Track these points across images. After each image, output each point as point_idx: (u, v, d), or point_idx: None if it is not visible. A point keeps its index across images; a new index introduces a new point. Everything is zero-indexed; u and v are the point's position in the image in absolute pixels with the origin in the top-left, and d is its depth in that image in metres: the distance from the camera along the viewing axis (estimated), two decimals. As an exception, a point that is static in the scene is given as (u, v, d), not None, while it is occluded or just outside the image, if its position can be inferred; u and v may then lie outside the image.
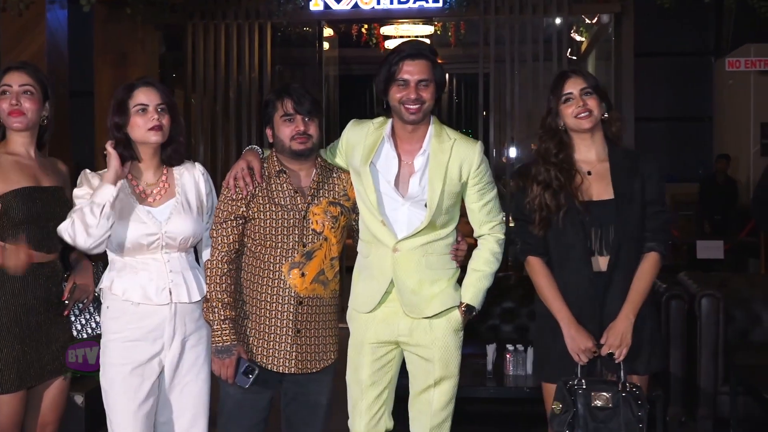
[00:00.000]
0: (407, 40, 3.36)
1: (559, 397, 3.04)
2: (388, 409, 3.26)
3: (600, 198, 3.10)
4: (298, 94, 3.15)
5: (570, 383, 3.03)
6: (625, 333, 3.03)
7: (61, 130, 6.61)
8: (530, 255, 3.20)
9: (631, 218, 3.07)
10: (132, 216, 3.02)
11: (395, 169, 3.17)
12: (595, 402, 2.99)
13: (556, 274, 3.15)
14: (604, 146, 3.17)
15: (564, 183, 3.08)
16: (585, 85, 3.10)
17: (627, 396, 2.98)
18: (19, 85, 3.11)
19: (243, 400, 3.18)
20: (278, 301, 3.14)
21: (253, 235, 3.16)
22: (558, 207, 3.07)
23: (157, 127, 3.03)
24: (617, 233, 3.06)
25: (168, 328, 3.05)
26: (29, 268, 3.08)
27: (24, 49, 6.59)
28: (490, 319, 5.54)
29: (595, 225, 3.07)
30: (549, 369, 3.19)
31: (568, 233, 3.09)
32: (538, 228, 3.12)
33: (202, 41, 9.78)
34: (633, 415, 2.97)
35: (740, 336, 5.48)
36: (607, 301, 3.08)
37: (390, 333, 3.19)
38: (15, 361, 3.05)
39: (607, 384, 3.03)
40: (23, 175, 3.10)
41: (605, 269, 3.08)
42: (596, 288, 3.08)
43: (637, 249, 3.10)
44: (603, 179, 3.12)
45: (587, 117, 3.08)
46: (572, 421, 2.99)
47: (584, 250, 3.08)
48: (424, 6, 9.59)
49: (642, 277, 3.08)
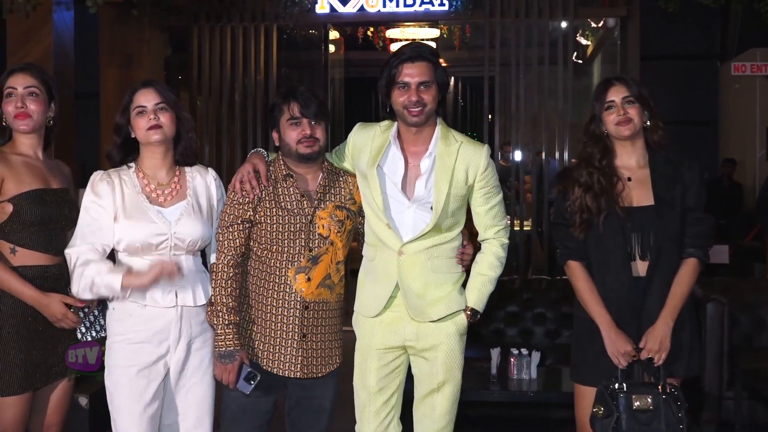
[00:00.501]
0: (407, 43, 3.37)
1: (600, 400, 3.06)
2: (396, 414, 3.27)
3: (640, 204, 3.12)
4: (304, 97, 3.14)
5: (611, 387, 3.06)
6: (664, 337, 3.05)
7: (67, 131, 6.61)
8: (570, 259, 3.22)
9: (671, 224, 3.09)
10: (142, 215, 3.02)
11: (402, 171, 3.18)
12: (636, 404, 3.02)
13: (596, 279, 3.17)
14: (644, 153, 3.20)
15: (605, 187, 3.10)
16: (627, 93, 3.12)
17: (667, 398, 3.01)
18: (24, 87, 3.11)
19: (247, 404, 3.17)
20: (284, 305, 3.14)
21: (259, 239, 3.16)
22: (599, 210, 3.10)
23: (156, 126, 3.04)
24: (657, 239, 3.08)
25: (174, 331, 3.06)
26: (36, 271, 3.09)
27: (30, 51, 6.60)
28: (494, 322, 5.55)
29: (635, 230, 3.10)
30: (586, 371, 3.20)
31: (608, 238, 3.11)
32: (579, 230, 3.15)
33: (207, 43, 9.76)
34: (674, 416, 3.00)
35: (745, 340, 5.49)
36: (646, 306, 3.10)
37: (396, 338, 3.20)
38: (22, 364, 3.06)
39: (647, 386, 3.05)
40: (33, 176, 3.11)
41: (644, 274, 3.11)
42: (635, 293, 3.10)
43: (676, 255, 3.12)
44: (644, 185, 3.14)
45: (627, 125, 3.11)
46: (615, 425, 3.02)
47: (624, 255, 3.10)
48: (429, 9, 9.55)
49: (681, 282, 3.10)
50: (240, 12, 9.69)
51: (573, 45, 9.93)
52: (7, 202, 3.05)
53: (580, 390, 3.22)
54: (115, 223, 3.01)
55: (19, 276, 3.04)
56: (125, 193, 3.05)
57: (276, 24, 9.77)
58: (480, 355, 4.56)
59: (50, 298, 3.05)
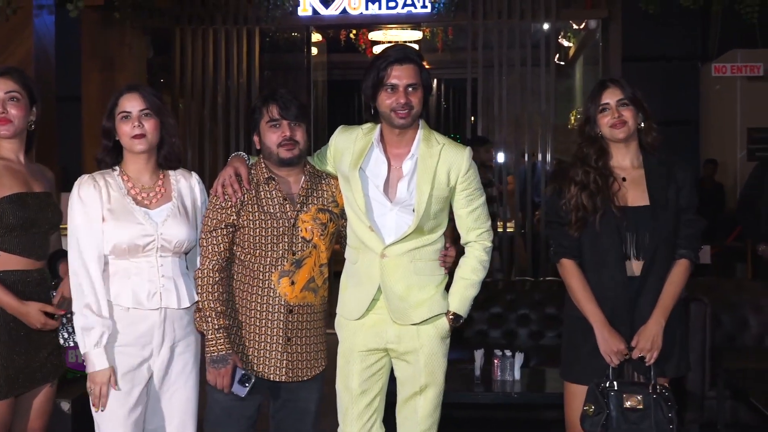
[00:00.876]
0: (393, 45, 3.37)
1: (591, 399, 3.08)
2: (379, 417, 3.26)
3: (635, 204, 3.14)
4: (284, 99, 3.14)
5: (602, 385, 3.07)
6: (656, 337, 3.07)
7: (48, 135, 6.59)
8: (564, 257, 3.23)
9: (665, 225, 3.11)
10: (129, 217, 3.02)
11: (384, 174, 3.17)
12: (626, 403, 3.04)
13: (590, 277, 3.18)
14: (638, 154, 3.22)
15: (601, 186, 3.12)
16: (622, 96, 3.14)
17: (657, 398, 3.03)
18: (5, 92, 3.09)
19: (231, 408, 3.16)
20: (268, 309, 3.14)
21: (242, 243, 3.15)
22: (594, 209, 3.11)
23: (140, 136, 3.03)
24: (652, 239, 3.10)
25: (157, 334, 3.05)
26: (18, 276, 3.08)
27: (11, 55, 6.56)
28: (477, 324, 5.56)
29: (630, 230, 3.11)
30: (579, 370, 3.21)
31: (603, 237, 3.12)
32: (574, 228, 3.16)
33: (190, 46, 9.74)
34: (664, 416, 3.02)
35: (728, 340, 5.51)
36: (640, 305, 3.12)
37: (379, 340, 3.19)
38: (4, 369, 3.04)
39: (638, 386, 3.07)
40: (15, 180, 3.10)
41: (639, 274, 3.12)
42: (629, 292, 3.12)
43: (669, 255, 3.14)
44: (638, 186, 3.16)
45: (622, 127, 3.13)
46: (606, 422, 3.04)
47: (619, 254, 3.12)
48: (412, 11, 9.57)
49: (674, 282, 3.13)
50: (222, 14, 9.69)
51: (555, 46, 9.97)
52: None
53: (571, 389, 3.23)
54: (101, 224, 3.00)
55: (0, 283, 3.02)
56: (111, 196, 3.04)
57: (258, 27, 9.77)
58: (464, 357, 4.57)
59: (29, 307, 3.04)
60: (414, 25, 10.80)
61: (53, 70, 6.97)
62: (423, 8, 9.57)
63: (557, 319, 5.49)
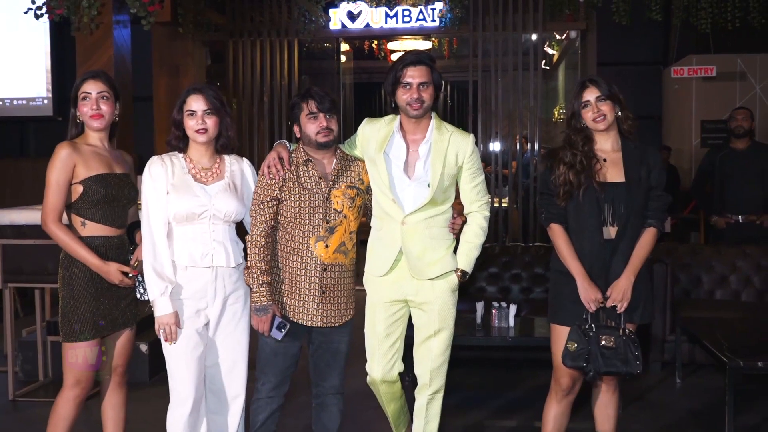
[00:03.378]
0: (410, 50, 3.35)
1: (575, 337, 3.07)
2: (399, 355, 3.27)
3: (613, 180, 3.10)
4: (319, 95, 3.13)
5: (583, 327, 3.07)
6: (626, 290, 3.06)
7: (126, 129, 6.60)
8: (553, 222, 3.20)
9: (637, 198, 3.07)
10: (188, 191, 3.02)
11: (404, 156, 3.17)
12: (602, 342, 3.03)
13: (573, 239, 3.15)
14: (617, 139, 3.17)
15: (585, 166, 3.09)
16: (599, 93, 3.10)
17: (627, 339, 3.03)
18: (97, 92, 3.08)
19: (277, 348, 3.16)
20: (307, 268, 3.12)
21: (285, 214, 3.13)
22: (579, 184, 3.08)
23: (203, 130, 3.04)
24: (626, 210, 3.07)
25: (210, 288, 3.05)
26: (101, 241, 3.07)
27: (95, 62, 6.56)
28: (478, 281, 5.55)
29: (608, 202, 3.08)
30: (562, 314, 3.18)
31: (585, 207, 3.09)
32: (562, 199, 3.13)
33: (241, 55, 9.79)
34: (632, 354, 3.02)
35: (684, 294, 5.52)
36: (613, 263, 3.09)
37: (400, 293, 3.19)
38: (90, 315, 3.05)
39: (611, 329, 3.06)
40: (100, 163, 3.09)
41: (614, 237, 3.09)
42: (605, 252, 3.09)
43: (639, 223, 3.11)
44: (616, 166, 3.12)
45: (602, 120, 3.10)
46: (588, 356, 3.04)
47: (597, 222, 3.09)
48: (423, 25, 9.65)
49: (642, 246, 3.11)
50: (267, 29, 9.73)
51: (542, 54, 9.92)
52: (78, 184, 3.03)
53: (557, 330, 3.19)
54: (166, 196, 3.00)
55: (86, 246, 3.03)
56: (175, 173, 3.05)
57: (297, 38, 9.81)
58: (467, 308, 4.55)
59: (109, 266, 3.04)
60: (425, 37, 10.79)
61: (130, 75, 6.96)
62: (432, 22, 9.65)
63: (544, 277, 5.48)
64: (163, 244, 2.99)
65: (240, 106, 9.83)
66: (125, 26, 6.83)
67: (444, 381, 3.26)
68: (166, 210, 3.00)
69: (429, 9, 9.59)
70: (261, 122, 9.93)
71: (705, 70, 9.60)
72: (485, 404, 4.57)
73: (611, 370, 3.04)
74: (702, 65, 9.61)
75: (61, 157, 3.00)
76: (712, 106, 9.70)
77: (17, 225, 5.10)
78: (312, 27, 9.49)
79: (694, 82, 9.82)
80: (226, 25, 9.79)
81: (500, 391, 4.81)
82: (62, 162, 3.00)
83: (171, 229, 3.03)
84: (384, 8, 9.63)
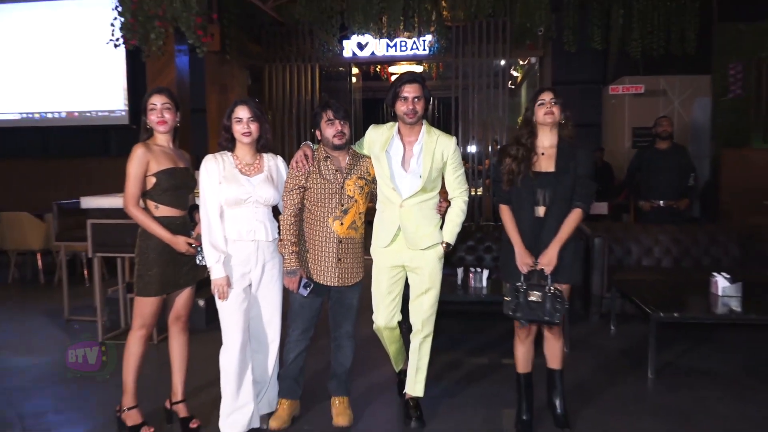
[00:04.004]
0: (406, 71, 3.33)
1: (509, 293, 3.06)
2: (398, 308, 3.26)
3: (546, 170, 3.05)
4: (335, 106, 3.11)
5: (517, 284, 3.05)
6: (552, 257, 3.01)
7: (185, 134, 6.59)
8: (501, 203, 3.17)
9: (563, 185, 3.01)
10: (235, 181, 3.01)
11: (401, 153, 3.15)
12: (530, 297, 3.02)
13: (515, 216, 3.11)
14: (555, 138, 3.10)
15: (525, 158, 3.04)
16: (553, 97, 3.05)
17: (551, 296, 2.99)
18: (162, 103, 3.07)
19: (304, 302, 3.17)
20: (326, 240, 3.12)
21: (309, 198, 3.12)
22: (519, 173, 3.04)
23: (248, 134, 3.03)
24: (553, 193, 3.02)
25: (253, 257, 3.05)
26: (170, 220, 3.07)
27: (161, 81, 6.54)
28: (458, 252, 5.54)
29: (541, 187, 3.03)
30: (507, 274, 3.16)
31: (522, 191, 3.05)
32: (506, 185, 3.09)
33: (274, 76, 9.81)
34: (553, 308, 2.99)
35: (618, 262, 5.50)
36: (543, 235, 3.05)
37: (399, 260, 3.18)
38: (159, 277, 3.06)
39: (539, 287, 3.03)
40: (167, 159, 3.08)
41: (543, 215, 3.05)
42: (536, 227, 3.06)
43: (566, 205, 3.04)
44: (550, 159, 3.06)
45: (551, 116, 3.04)
46: (515, 307, 3.04)
47: (531, 203, 3.05)
48: (416, 53, 9.80)
49: (568, 223, 3.04)
50: (295, 56, 9.72)
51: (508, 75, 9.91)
52: (152, 176, 3.03)
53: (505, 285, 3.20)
54: (219, 185, 2.99)
55: (159, 224, 3.03)
56: (225, 168, 3.04)
57: (318, 64, 9.80)
58: (450, 272, 4.54)
59: (178, 239, 3.04)
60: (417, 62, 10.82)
61: (188, 92, 6.95)
62: (423, 51, 9.74)
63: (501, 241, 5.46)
64: (217, 223, 2.98)
65: (274, 116, 9.85)
66: (184, 54, 6.81)
67: (432, 328, 3.26)
68: (219, 196, 2.99)
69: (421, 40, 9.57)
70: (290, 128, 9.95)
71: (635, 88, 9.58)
72: (464, 346, 4.58)
73: (535, 318, 3.02)
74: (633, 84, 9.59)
75: (138, 155, 3.00)
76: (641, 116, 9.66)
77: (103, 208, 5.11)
78: (329, 55, 9.48)
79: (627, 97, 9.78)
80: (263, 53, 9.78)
81: (475, 336, 4.82)
82: (138, 159, 3.00)
83: (223, 212, 3.02)
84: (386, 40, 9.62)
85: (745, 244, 5.44)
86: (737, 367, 4.11)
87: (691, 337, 4.71)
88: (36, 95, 10.72)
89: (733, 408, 3.45)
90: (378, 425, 3.27)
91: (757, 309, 3.98)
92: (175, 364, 3.25)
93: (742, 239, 5.47)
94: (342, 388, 3.32)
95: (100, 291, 4.88)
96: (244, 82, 10.00)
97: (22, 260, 7.80)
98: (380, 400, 3.59)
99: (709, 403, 3.51)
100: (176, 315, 3.22)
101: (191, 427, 3.19)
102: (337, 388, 3.32)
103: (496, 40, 9.33)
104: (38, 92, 10.72)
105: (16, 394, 3.63)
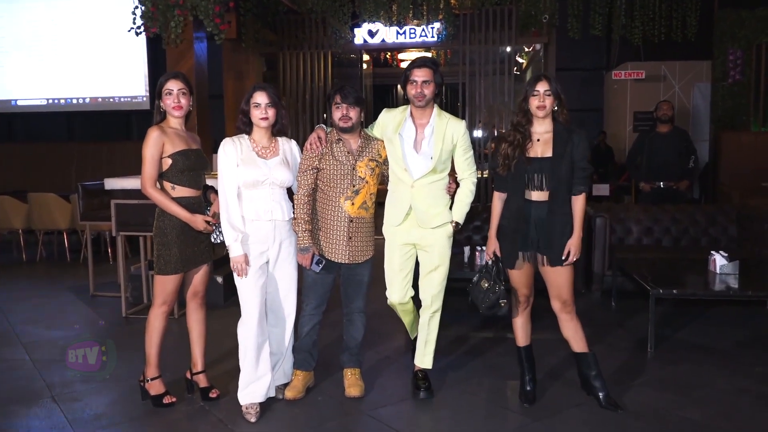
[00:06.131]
0: (417, 56, 3.27)
1: (481, 271, 3.13)
2: (410, 284, 3.24)
3: (543, 155, 2.98)
4: (345, 91, 3.05)
5: (484, 269, 3.12)
6: (576, 244, 2.96)
7: (203, 118, 6.57)
8: (496, 191, 3.12)
9: (561, 169, 2.94)
10: (253, 164, 2.97)
11: (413, 136, 3.11)
12: (483, 283, 3.10)
13: (508, 199, 3.04)
14: (551, 124, 3.01)
15: (521, 144, 2.98)
16: (547, 88, 2.94)
17: (504, 289, 3.04)
18: (178, 89, 3.03)
19: (317, 278, 3.15)
20: (338, 219, 3.09)
21: (322, 179, 3.09)
22: (513, 157, 2.98)
23: (265, 118, 2.99)
24: (552, 177, 2.95)
25: (270, 235, 3.02)
26: (187, 200, 3.05)
27: (180, 68, 6.47)
28: (465, 232, 5.51)
29: (536, 172, 2.96)
30: (504, 255, 3.11)
31: (515, 175, 2.99)
32: (502, 170, 3.02)
33: (289, 63, 9.76)
34: (496, 299, 3.05)
35: (619, 241, 5.46)
36: (548, 219, 2.96)
37: (410, 238, 3.15)
38: (179, 255, 3.05)
39: (494, 277, 3.06)
40: (181, 141, 3.05)
41: (536, 199, 2.97)
42: (526, 209, 2.98)
43: (564, 189, 2.96)
44: (547, 144, 2.98)
45: (542, 109, 2.95)
46: (470, 287, 3.15)
47: (522, 186, 2.98)
48: (425, 40, 9.67)
49: (578, 210, 2.98)
50: (308, 44, 9.65)
51: (514, 62, 9.79)
52: (167, 158, 3.00)
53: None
54: (236, 167, 2.95)
55: (177, 204, 3.01)
56: (243, 150, 3.00)
57: (330, 51, 9.74)
58: (458, 251, 4.53)
59: (195, 217, 3.02)
60: (426, 49, 10.71)
61: (206, 78, 6.90)
62: (432, 38, 9.63)
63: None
64: (234, 203, 2.95)
65: (288, 101, 9.80)
66: (202, 41, 6.75)
67: (441, 303, 3.24)
68: (237, 178, 2.95)
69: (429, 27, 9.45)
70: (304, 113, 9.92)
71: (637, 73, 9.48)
72: (470, 321, 4.57)
73: (476, 302, 3.06)
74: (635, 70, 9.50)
75: (153, 138, 2.97)
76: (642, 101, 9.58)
77: (126, 189, 5.11)
78: (341, 42, 9.39)
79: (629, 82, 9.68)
80: (278, 41, 9.71)
81: (481, 312, 4.81)
82: (154, 141, 2.96)
83: (241, 193, 2.99)
84: (395, 27, 9.51)
85: (743, 224, 5.38)
86: (734, 342, 4.07)
87: (689, 313, 4.67)
88: (61, 82, 10.73)
89: (730, 381, 3.42)
90: (388, 395, 3.27)
91: (753, 286, 3.94)
92: (193, 337, 3.25)
93: (740, 219, 5.41)
94: (354, 360, 3.32)
95: (124, 268, 4.90)
96: (259, 68, 9.95)
97: (49, 239, 7.85)
98: (390, 372, 3.59)
99: (706, 377, 3.49)
100: (194, 291, 3.21)
101: (211, 396, 3.20)
102: (349, 360, 3.32)
103: (502, 27, 9.20)
104: (63, 79, 10.72)
105: (45, 365, 3.65)
